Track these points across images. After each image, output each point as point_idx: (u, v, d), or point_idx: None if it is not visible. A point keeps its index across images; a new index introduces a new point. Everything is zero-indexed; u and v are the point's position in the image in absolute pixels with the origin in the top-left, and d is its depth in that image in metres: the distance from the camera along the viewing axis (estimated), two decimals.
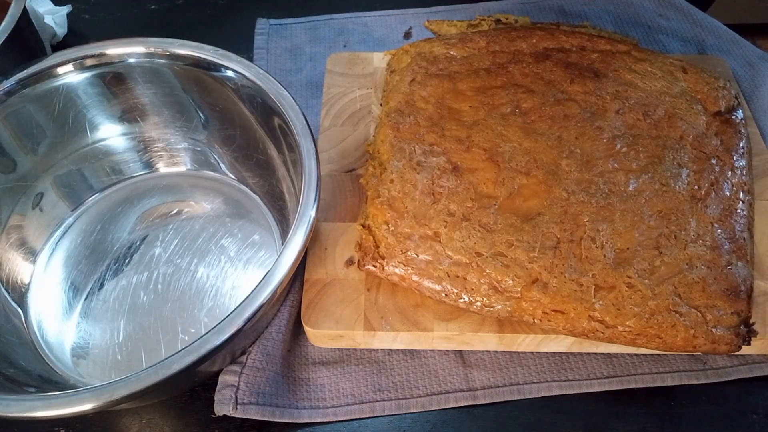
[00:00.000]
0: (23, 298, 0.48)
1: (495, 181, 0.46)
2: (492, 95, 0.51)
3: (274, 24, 0.68)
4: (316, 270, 0.46)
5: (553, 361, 0.46)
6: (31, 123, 0.49)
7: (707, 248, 0.44)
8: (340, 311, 0.45)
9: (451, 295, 0.43)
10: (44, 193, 0.51)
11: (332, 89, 0.57)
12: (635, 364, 0.45)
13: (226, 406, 0.42)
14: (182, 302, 0.48)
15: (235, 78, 0.47)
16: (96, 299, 0.48)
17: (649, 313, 0.41)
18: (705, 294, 0.42)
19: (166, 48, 0.48)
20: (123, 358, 0.45)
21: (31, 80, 0.47)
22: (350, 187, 0.51)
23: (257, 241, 0.51)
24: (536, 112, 0.50)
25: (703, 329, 0.41)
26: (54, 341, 0.47)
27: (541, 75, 0.52)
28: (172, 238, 0.51)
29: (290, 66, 0.65)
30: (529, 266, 0.43)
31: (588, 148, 0.48)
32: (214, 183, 0.55)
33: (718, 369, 0.45)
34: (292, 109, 0.44)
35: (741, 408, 0.45)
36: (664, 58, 0.54)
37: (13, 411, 0.33)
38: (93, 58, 0.48)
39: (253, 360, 0.43)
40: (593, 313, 0.41)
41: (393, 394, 0.44)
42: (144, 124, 0.53)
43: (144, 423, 0.44)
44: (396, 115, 0.50)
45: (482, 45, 0.55)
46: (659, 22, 0.68)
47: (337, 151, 0.53)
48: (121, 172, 0.55)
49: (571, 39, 0.55)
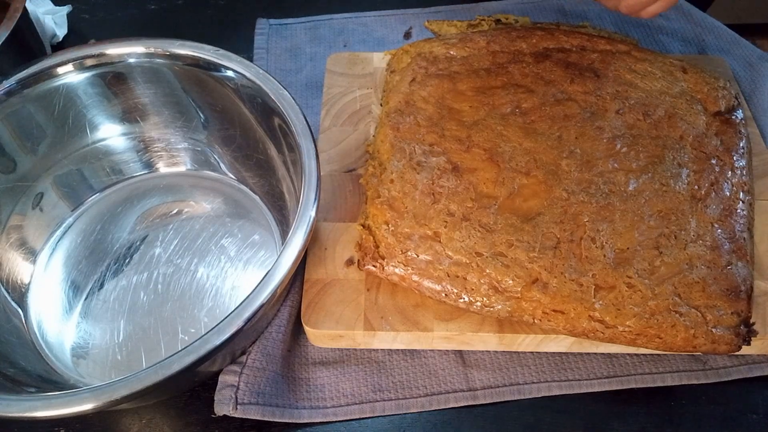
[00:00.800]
0: (23, 298, 0.48)
1: (495, 181, 0.46)
2: (492, 95, 0.51)
3: (274, 24, 0.68)
4: (316, 270, 0.46)
5: (553, 361, 0.46)
6: (31, 123, 0.49)
7: (707, 248, 0.44)
8: (340, 311, 0.45)
9: (451, 295, 0.43)
10: (44, 193, 0.51)
11: (332, 89, 0.57)
12: (635, 364, 0.45)
13: (226, 406, 0.42)
14: (182, 302, 0.48)
15: (235, 78, 0.47)
16: (96, 299, 0.48)
17: (649, 313, 0.41)
18: (705, 294, 0.42)
19: (166, 48, 0.48)
20: (123, 358, 0.45)
21: (31, 80, 0.47)
22: (350, 187, 0.51)
23: (257, 241, 0.51)
24: (536, 112, 0.50)
25: (703, 329, 0.41)
26: (54, 341, 0.47)
27: (541, 75, 0.52)
28: (172, 238, 0.51)
29: (290, 66, 0.65)
30: (529, 266, 0.43)
31: (588, 148, 0.48)
32: (214, 183, 0.55)
33: (718, 369, 0.45)
34: (292, 109, 0.44)
35: (741, 408, 0.45)
36: (664, 58, 0.54)
37: (13, 411, 0.33)
38: (93, 58, 0.48)
39: (253, 360, 0.43)
40: (593, 313, 0.41)
41: (393, 394, 0.44)
42: (144, 124, 0.53)
43: (144, 423, 0.44)
44: (396, 115, 0.50)
45: (482, 45, 0.55)
46: (659, 22, 0.68)
47: (337, 151, 0.53)
48: (121, 172, 0.55)
49: (571, 39, 0.55)
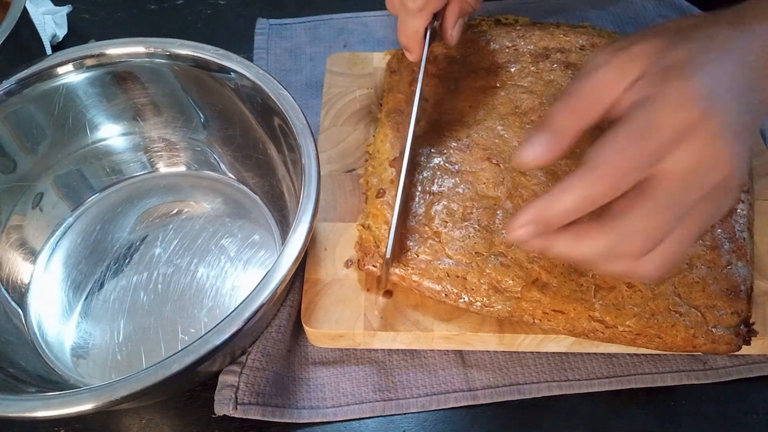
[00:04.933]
0: (23, 298, 0.48)
1: (495, 181, 0.46)
2: (492, 95, 0.51)
3: (274, 24, 0.68)
4: (316, 270, 0.46)
5: (553, 361, 0.46)
6: (31, 123, 0.49)
7: (707, 248, 0.44)
8: (340, 311, 0.45)
9: (451, 295, 0.43)
10: (44, 193, 0.51)
11: (332, 89, 0.57)
12: (635, 364, 0.45)
13: (226, 406, 0.42)
14: (182, 302, 0.48)
15: (235, 78, 0.47)
16: (96, 299, 0.48)
17: (649, 313, 0.41)
18: (705, 294, 0.42)
19: (166, 48, 0.48)
20: (123, 358, 0.45)
21: (31, 80, 0.47)
22: (350, 187, 0.51)
23: (257, 241, 0.51)
24: (536, 112, 0.50)
25: (703, 329, 0.41)
26: (54, 341, 0.47)
27: (541, 75, 0.52)
28: (172, 238, 0.51)
29: (290, 66, 0.65)
30: (528, 266, 0.43)
31: (588, 148, 0.48)
32: (214, 183, 0.55)
33: (718, 369, 0.45)
34: (292, 109, 0.44)
35: (741, 408, 0.45)
36: None
37: (13, 411, 0.33)
38: (93, 58, 0.48)
39: (253, 360, 0.43)
40: (593, 313, 0.41)
41: (393, 394, 0.44)
42: (144, 124, 0.53)
43: (144, 423, 0.44)
44: (396, 115, 0.50)
45: (482, 45, 0.55)
46: (659, 22, 0.68)
47: (337, 151, 0.53)
48: (121, 172, 0.55)
49: (571, 39, 0.55)
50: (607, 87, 0.31)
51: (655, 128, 0.28)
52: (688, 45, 0.30)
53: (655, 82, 0.29)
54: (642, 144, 0.28)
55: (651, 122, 0.28)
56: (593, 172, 0.29)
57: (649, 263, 0.31)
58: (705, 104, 0.28)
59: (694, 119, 0.28)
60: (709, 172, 0.28)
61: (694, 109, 0.28)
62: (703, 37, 0.31)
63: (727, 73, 0.30)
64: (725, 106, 0.29)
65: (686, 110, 0.28)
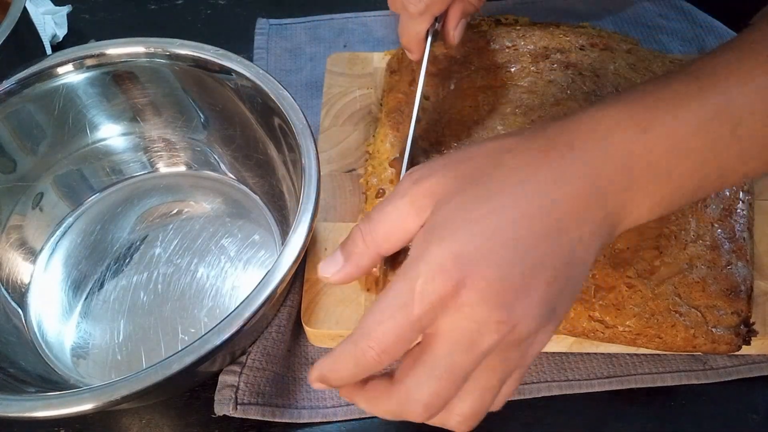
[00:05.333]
0: (23, 298, 0.48)
1: None
2: (492, 95, 0.51)
3: (274, 24, 0.68)
4: (317, 270, 0.46)
5: (553, 361, 0.46)
6: (31, 123, 0.49)
7: (707, 248, 0.44)
8: (340, 311, 0.45)
9: None
10: (44, 193, 0.51)
11: (332, 89, 0.57)
12: (635, 364, 0.45)
13: (226, 406, 0.42)
14: (182, 302, 0.48)
15: (235, 78, 0.47)
16: (96, 299, 0.48)
17: (649, 313, 0.41)
18: (705, 294, 0.42)
19: (166, 48, 0.48)
20: (123, 358, 0.45)
21: (31, 80, 0.47)
22: (350, 187, 0.51)
23: (257, 241, 0.51)
24: (536, 112, 0.50)
25: (703, 329, 0.41)
26: (54, 341, 0.47)
27: (541, 75, 0.52)
28: (172, 238, 0.51)
29: (290, 66, 0.65)
30: None
31: None
32: (214, 183, 0.55)
33: (718, 369, 0.45)
34: (292, 109, 0.44)
35: (741, 408, 0.45)
36: (664, 58, 0.54)
37: (13, 411, 0.33)
38: (93, 58, 0.48)
39: (253, 360, 0.43)
40: (593, 313, 0.41)
41: None
42: (144, 124, 0.53)
43: (144, 423, 0.44)
44: (396, 115, 0.50)
45: (482, 45, 0.55)
46: (659, 22, 0.68)
47: (337, 151, 0.53)
48: (121, 172, 0.55)
49: (571, 39, 0.55)
50: (403, 222, 0.30)
51: (418, 297, 0.27)
52: (474, 190, 0.28)
53: (420, 244, 0.28)
54: (404, 313, 0.27)
55: (412, 291, 0.27)
56: (362, 342, 0.28)
57: (453, 417, 0.29)
58: (463, 271, 0.26)
59: (451, 288, 0.26)
60: (482, 336, 0.27)
61: (450, 278, 0.26)
62: (498, 177, 0.29)
63: (503, 228, 0.27)
64: (490, 269, 0.26)
65: (442, 279, 0.26)
